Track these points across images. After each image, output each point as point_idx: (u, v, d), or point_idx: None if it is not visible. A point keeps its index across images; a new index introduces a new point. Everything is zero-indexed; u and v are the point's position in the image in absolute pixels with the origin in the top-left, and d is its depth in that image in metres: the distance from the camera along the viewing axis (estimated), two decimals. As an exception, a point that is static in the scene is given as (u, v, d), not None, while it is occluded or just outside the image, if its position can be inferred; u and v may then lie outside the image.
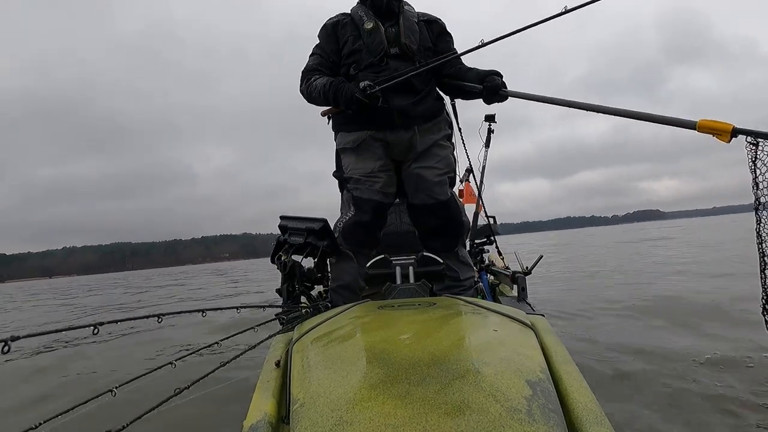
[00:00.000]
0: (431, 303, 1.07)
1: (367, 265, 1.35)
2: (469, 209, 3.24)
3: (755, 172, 1.25)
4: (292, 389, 0.70)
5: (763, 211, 1.27)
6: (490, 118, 3.33)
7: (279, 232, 1.73)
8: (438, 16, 1.86)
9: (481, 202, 3.28)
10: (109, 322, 0.75)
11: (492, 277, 2.71)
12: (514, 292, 2.36)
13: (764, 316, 1.29)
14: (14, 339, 0.59)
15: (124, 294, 11.24)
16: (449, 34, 1.86)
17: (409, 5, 1.83)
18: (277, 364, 0.82)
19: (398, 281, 1.30)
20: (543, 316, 1.05)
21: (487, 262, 2.94)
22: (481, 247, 2.97)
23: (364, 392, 0.63)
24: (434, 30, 1.81)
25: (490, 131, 3.34)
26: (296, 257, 1.68)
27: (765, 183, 1.26)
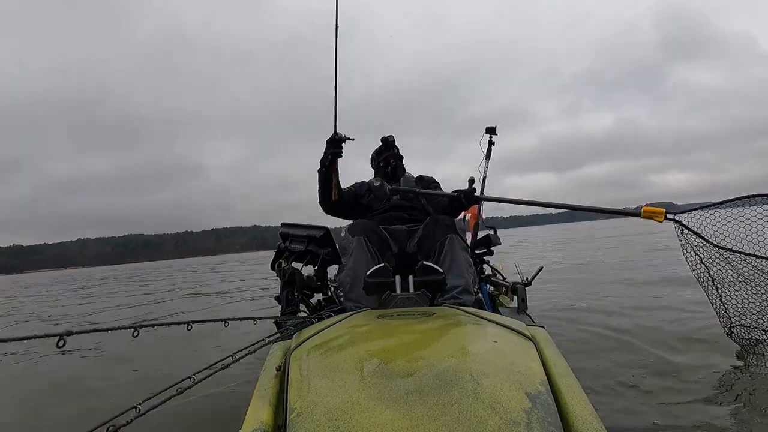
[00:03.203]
0: (431, 313, 1.06)
1: (367, 273, 1.35)
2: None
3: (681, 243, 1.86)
4: (290, 398, 0.70)
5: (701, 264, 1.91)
6: (491, 130, 3.35)
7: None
8: (431, 176, 2.40)
9: (480, 213, 3.27)
10: (147, 325, 0.76)
11: (492, 288, 2.70)
12: (514, 303, 2.35)
13: None
14: (69, 333, 0.61)
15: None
16: (436, 183, 2.36)
17: (409, 173, 2.36)
18: (277, 371, 0.82)
19: (398, 290, 1.29)
20: (543, 327, 1.04)
21: (487, 272, 2.93)
22: (481, 258, 2.96)
23: (361, 402, 0.62)
24: (425, 183, 2.32)
25: (491, 143, 3.36)
26: (296, 265, 1.67)
27: (689, 249, 1.92)
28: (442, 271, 1.33)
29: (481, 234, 3.08)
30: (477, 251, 2.95)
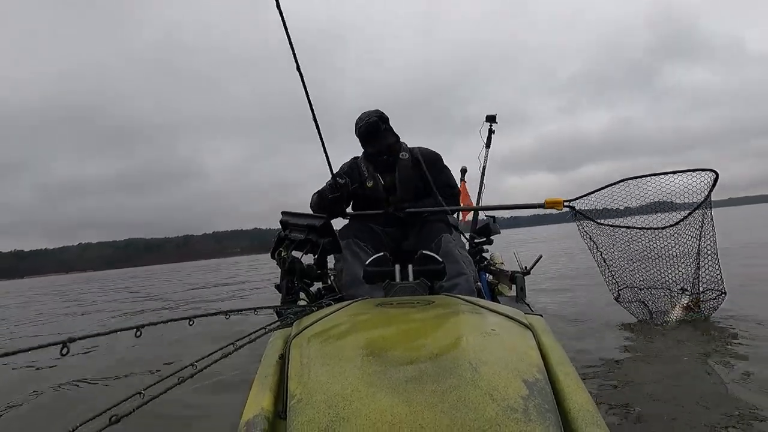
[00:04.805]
0: (430, 301, 1.07)
1: (366, 262, 1.35)
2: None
3: (578, 223, 2.46)
4: (290, 385, 0.71)
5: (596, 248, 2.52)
6: (491, 119, 3.33)
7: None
8: (433, 150, 2.12)
9: (480, 202, 3.27)
10: (148, 324, 0.76)
11: (491, 277, 2.71)
12: (513, 292, 2.37)
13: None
14: (72, 341, 0.60)
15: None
16: (438, 160, 2.12)
17: (404, 151, 2.06)
18: (276, 359, 0.82)
19: (397, 279, 1.30)
20: (541, 316, 1.05)
21: (486, 261, 2.94)
22: (480, 247, 2.97)
23: (361, 389, 0.63)
24: (426, 165, 2.07)
25: (491, 132, 3.34)
26: (296, 253, 1.67)
27: (583, 231, 2.51)
28: (441, 259, 1.34)
29: (480, 224, 3.09)
30: (476, 240, 2.96)
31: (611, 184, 2.40)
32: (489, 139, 3.33)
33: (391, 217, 1.99)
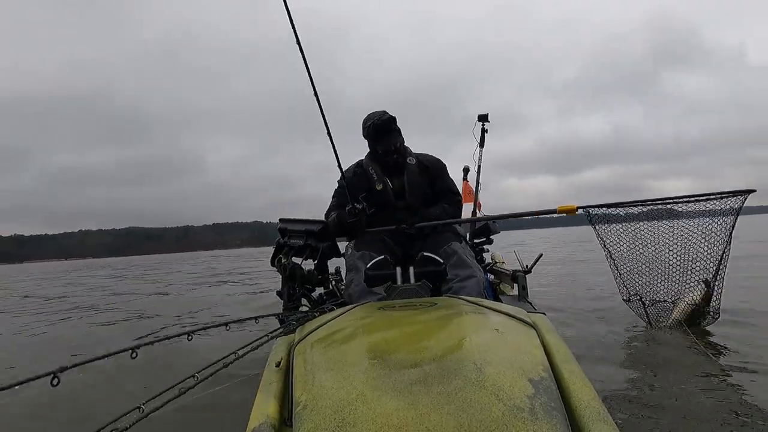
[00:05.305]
0: (432, 303, 1.06)
1: (368, 265, 1.35)
2: (467, 208, 3.25)
3: (594, 228, 2.37)
4: (295, 391, 0.70)
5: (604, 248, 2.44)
6: (483, 118, 3.34)
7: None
8: (437, 158, 2.14)
9: (478, 201, 3.27)
10: (145, 344, 0.76)
11: (493, 276, 2.71)
12: (515, 291, 2.37)
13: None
14: (63, 370, 0.59)
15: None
16: (443, 168, 2.13)
17: (411, 156, 2.07)
18: (280, 366, 0.82)
19: (399, 282, 1.30)
20: (544, 314, 1.05)
21: (487, 261, 2.94)
22: (480, 247, 2.97)
23: (366, 393, 0.63)
24: (432, 173, 2.08)
25: (483, 131, 3.35)
26: (296, 259, 1.67)
27: (597, 235, 2.42)
28: (442, 261, 1.33)
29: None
30: (476, 240, 2.95)
31: (636, 203, 2.20)
32: (482, 138, 3.33)
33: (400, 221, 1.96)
